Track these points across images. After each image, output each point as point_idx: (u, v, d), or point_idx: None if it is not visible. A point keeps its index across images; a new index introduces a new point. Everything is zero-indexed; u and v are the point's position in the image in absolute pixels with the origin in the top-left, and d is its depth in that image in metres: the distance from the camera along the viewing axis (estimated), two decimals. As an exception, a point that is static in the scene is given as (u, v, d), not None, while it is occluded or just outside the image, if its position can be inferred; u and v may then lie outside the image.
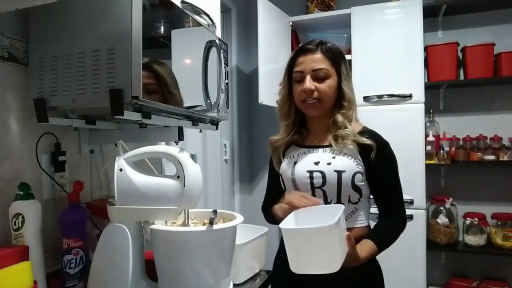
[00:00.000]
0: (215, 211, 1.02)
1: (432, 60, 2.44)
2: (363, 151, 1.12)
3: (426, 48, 2.43)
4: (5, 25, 1.05)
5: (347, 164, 1.12)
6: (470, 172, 2.52)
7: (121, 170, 0.97)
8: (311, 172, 1.14)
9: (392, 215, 1.17)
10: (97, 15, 0.97)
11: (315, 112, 1.18)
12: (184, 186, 0.97)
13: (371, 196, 1.20)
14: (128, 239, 0.97)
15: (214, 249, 0.99)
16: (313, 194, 1.14)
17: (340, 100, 1.17)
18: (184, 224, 1.06)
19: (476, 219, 2.35)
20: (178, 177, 0.98)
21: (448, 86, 2.47)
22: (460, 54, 2.48)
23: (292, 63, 1.20)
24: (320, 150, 1.18)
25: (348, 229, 1.05)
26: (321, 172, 1.13)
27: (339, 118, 1.15)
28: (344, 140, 1.12)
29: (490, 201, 2.48)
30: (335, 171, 1.11)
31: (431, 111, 2.50)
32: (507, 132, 2.42)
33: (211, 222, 0.97)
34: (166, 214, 0.99)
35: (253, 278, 1.34)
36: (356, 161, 1.12)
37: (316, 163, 1.15)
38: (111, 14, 0.95)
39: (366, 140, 1.12)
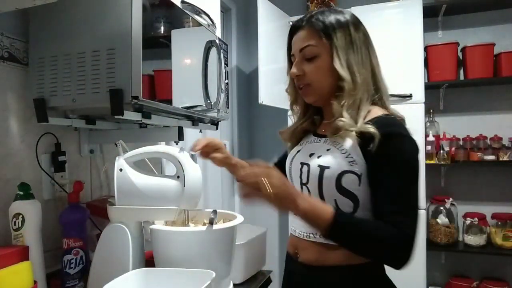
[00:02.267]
0: (215, 211, 1.02)
1: (432, 60, 2.44)
2: (365, 144, 0.87)
3: (426, 48, 2.43)
4: (5, 25, 1.05)
5: (335, 159, 0.90)
6: (470, 172, 2.52)
7: (121, 170, 0.97)
8: (302, 164, 0.99)
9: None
10: (97, 15, 0.97)
11: (309, 99, 1.02)
12: (184, 186, 0.97)
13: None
14: (128, 239, 0.97)
15: (214, 249, 0.99)
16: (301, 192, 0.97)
17: (339, 81, 0.94)
18: (184, 224, 1.06)
19: (476, 219, 2.35)
20: (178, 177, 0.99)
21: (448, 86, 2.47)
22: (460, 54, 2.48)
23: (289, 47, 1.05)
24: (322, 140, 1.00)
25: (323, 245, 0.93)
26: (308, 166, 0.96)
27: (334, 105, 0.94)
28: (339, 132, 0.91)
29: (490, 201, 2.47)
30: (319, 166, 0.93)
31: (431, 111, 2.50)
32: (507, 132, 2.42)
33: (211, 222, 0.97)
34: (166, 214, 0.99)
35: (253, 278, 1.34)
36: (351, 157, 0.89)
37: (311, 155, 0.98)
38: (111, 14, 0.95)
39: (369, 128, 0.87)
